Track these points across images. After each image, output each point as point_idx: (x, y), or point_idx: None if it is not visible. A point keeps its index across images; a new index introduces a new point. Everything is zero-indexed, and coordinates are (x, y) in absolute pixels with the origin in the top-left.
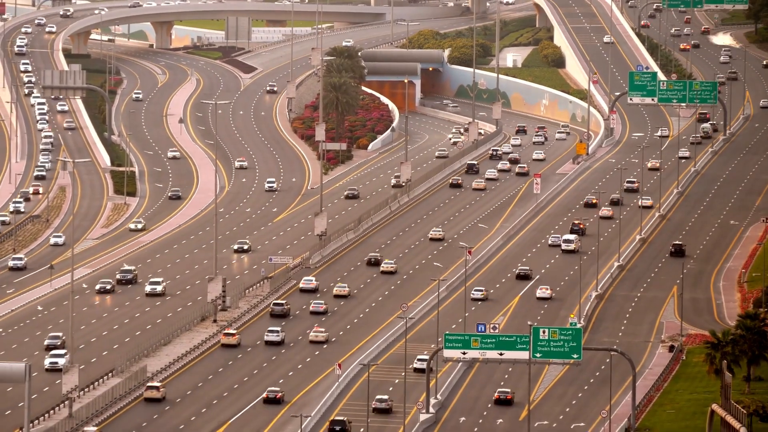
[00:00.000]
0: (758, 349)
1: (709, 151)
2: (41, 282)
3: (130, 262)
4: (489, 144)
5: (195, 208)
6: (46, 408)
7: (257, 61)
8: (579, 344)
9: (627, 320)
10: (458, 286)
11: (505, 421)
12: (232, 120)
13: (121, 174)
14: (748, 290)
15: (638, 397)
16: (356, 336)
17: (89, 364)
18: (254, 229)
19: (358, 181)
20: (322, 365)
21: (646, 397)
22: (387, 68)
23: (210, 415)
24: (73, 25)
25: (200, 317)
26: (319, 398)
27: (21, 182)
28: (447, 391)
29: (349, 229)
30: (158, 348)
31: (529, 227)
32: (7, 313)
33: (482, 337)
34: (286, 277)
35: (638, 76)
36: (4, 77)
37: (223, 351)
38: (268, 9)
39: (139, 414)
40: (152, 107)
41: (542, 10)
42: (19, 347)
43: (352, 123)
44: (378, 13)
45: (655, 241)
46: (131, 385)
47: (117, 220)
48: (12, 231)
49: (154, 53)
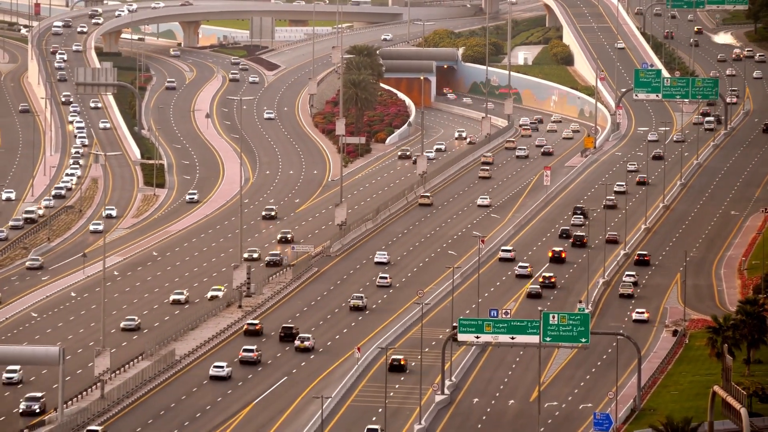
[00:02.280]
0: (758, 333)
1: (711, 145)
2: (74, 269)
3: (159, 251)
4: (501, 138)
5: (222, 198)
6: (80, 389)
7: (280, 59)
8: (587, 329)
9: (632, 306)
10: (471, 274)
11: (517, 402)
12: (256, 115)
13: (150, 166)
14: (748, 277)
15: (643, 379)
16: (375, 321)
17: (120, 347)
18: (277, 219)
19: (377, 173)
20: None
21: (651, 379)
22: (404, 66)
23: (236, 396)
24: (105, 24)
25: (226, 303)
26: (339, 380)
27: (55, 175)
28: (461, 373)
29: (368, 219)
30: (186, 332)
31: (539, 217)
32: (42, 299)
33: (495, 322)
34: (308, 265)
35: (643, 73)
36: (38, 74)
37: (246, 337)
38: (290, 9)
39: (167, 395)
40: (180, 103)
41: (552, 10)
42: (53, 332)
43: (371, 118)
44: (395, 13)
45: (659, 231)
46: (160, 367)
47: (147, 210)
48: (47, 221)
49: (182, 51)
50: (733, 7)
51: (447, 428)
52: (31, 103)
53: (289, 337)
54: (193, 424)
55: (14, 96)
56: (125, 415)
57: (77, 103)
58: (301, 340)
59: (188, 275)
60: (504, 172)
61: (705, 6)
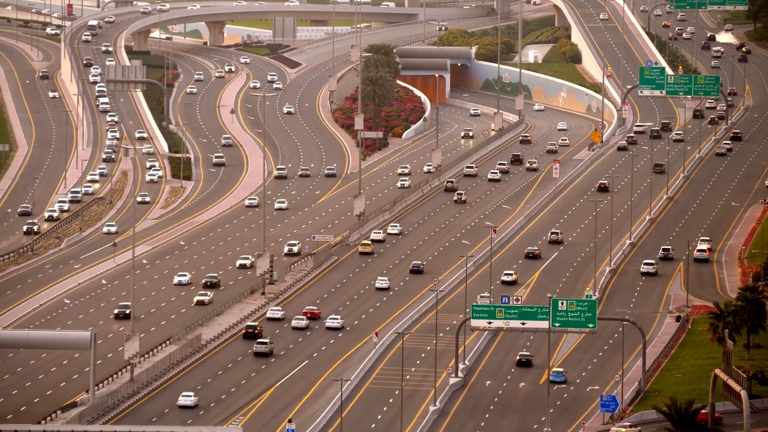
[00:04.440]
0: (757, 319)
1: (712, 139)
2: (105, 258)
3: (186, 241)
4: (512, 132)
5: (245, 190)
6: (110, 372)
7: (302, 57)
8: (594, 315)
9: (638, 293)
10: (484, 262)
11: (527, 384)
12: (278, 111)
13: (177, 160)
14: (747, 265)
15: (648, 362)
16: (391, 307)
17: (149, 332)
18: (299, 210)
19: (395, 166)
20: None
21: (655, 363)
22: (419, 64)
23: (259, 379)
24: (134, 24)
25: (249, 290)
26: (358, 364)
27: (87, 168)
28: (474, 357)
29: (386, 209)
30: (212, 318)
31: (548, 208)
32: (74, 287)
33: (506, 308)
34: (328, 254)
35: (648, 71)
36: (71, 72)
37: (269, 323)
38: (311, 10)
39: (194, 378)
40: (206, 99)
41: (561, 11)
42: (85, 317)
43: (388, 113)
44: (411, 13)
45: (663, 221)
46: (187, 351)
47: (174, 202)
48: (79, 212)
49: (207, 50)
50: (733, 8)
51: (460, 409)
52: (63, 99)
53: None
54: (219, 406)
55: (48, 93)
56: (153, 397)
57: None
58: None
59: (213, 263)
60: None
61: (707, 6)
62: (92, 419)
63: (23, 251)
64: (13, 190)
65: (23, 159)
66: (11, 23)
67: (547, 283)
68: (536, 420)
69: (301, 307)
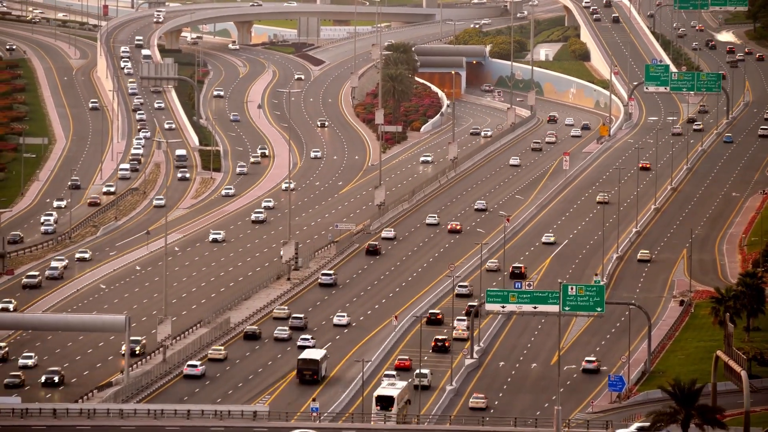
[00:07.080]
0: (756, 303)
1: (714, 133)
2: (139, 245)
3: (215, 229)
4: (523, 127)
5: (272, 181)
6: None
7: (325, 55)
8: (602, 299)
9: (643, 278)
10: (498, 249)
11: (539, 365)
12: (303, 106)
13: (207, 152)
14: (747, 252)
15: (653, 344)
16: (410, 292)
17: (180, 316)
18: (322, 200)
19: (415, 158)
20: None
21: (660, 345)
22: (436, 61)
23: (286, 359)
24: (167, 24)
25: (276, 276)
26: (379, 345)
27: (121, 159)
28: (488, 339)
29: (405, 199)
30: (240, 302)
31: (558, 198)
32: (110, 272)
33: (519, 293)
34: (350, 241)
35: (653, 68)
36: (107, 69)
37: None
38: (334, 10)
39: None
40: (234, 95)
41: (571, 11)
42: (120, 302)
43: (407, 108)
44: (429, 13)
45: (667, 210)
46: (216, 334)
47: (204, 192)
48: (114, 201)
49: (236, 48)
50: (734, 8)
51: (475, 389)
52: (99, 95)
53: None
54: (246, 385)
55: (84, 89)
56: (185, 377)
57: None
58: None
59: (241, 251)
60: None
61: (709, 7)
62: (127, 398)
63: (61, 239)
64: (52, 180)
65: (61, 151)
66: (50, 23)
67: (558, 269)
68: (547, 399)
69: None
